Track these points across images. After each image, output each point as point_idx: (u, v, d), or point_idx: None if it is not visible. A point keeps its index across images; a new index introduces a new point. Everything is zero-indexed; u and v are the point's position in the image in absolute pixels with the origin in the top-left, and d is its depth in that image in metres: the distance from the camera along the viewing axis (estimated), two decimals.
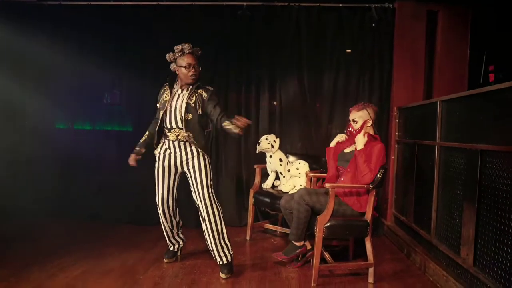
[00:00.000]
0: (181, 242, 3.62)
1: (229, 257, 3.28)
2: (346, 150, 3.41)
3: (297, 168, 4.14)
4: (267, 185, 4.32)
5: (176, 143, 3.23)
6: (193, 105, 3.19)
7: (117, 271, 3.25)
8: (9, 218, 4.58)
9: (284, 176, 4.22)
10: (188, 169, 3.26)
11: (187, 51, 3.21)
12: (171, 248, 3.58)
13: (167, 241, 3.56)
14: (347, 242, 3.81)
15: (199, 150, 3.24)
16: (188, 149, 3.24)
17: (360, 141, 3.23)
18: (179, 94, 3.26)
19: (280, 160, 4.23)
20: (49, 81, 4.92)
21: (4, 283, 2.93)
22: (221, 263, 3.26)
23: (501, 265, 2.38)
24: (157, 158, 3.33)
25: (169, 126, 3.22)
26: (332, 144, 3.51)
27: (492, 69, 4.65)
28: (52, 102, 4.94)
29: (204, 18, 4.72)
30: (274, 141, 4.24)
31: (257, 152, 4.33)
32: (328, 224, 3.08)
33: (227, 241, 3.29)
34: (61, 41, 4.79)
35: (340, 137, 3.49)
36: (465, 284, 2.79)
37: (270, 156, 4.26)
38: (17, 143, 4.91)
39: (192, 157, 3.25)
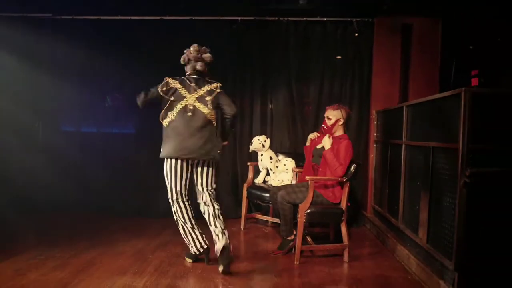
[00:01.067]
0: (203, 244, 3.51)
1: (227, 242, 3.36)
2: (319, 146, 3.94)
3: (285, 165, 4.69)
4: (259, 180, 4.86)
5: None
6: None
7: (128, 253, 3.78)
8: (28, 211, 5.09)
9: (273, 172, 4.76)
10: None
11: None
12: (192, 251, 3.54)
13: (188, 239, 3.52)
14: (328, 229, 4.36)
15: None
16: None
17: (327, 142, 3.77)
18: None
19: (270, 158, 4.77)
20: (62, 87, 5.40)
21: (34, 260, 3.50)
22: (225, 254, 3.30)
23: (446, 242, 2.91)
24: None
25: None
26: (308, 142, 4.04)
27: (475, 73, 5.15)
28: (64, 105, 5.49)
29: (204, 30, 5.24)
30: (265, 141, 4.78)
31: (250, 151, 4.89)
32: (308, 211, 3.62)
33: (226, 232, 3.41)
34: (74, 51, 5.30)
35: (312, 135, 4.02)
36: (421, 259, 3.33)
37: (262, 155, 4.81)
38: (31, 142, 5.44)
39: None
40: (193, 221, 3.52)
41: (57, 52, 5.35)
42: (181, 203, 3.48)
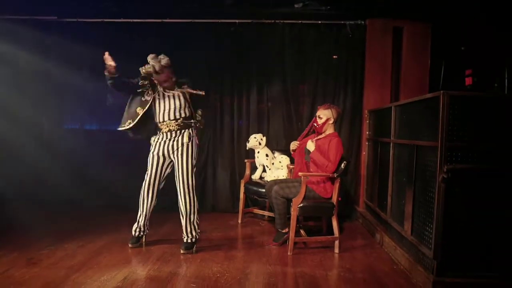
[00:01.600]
0: (146, 230, 4.05)
1: (193, 238, 3.89)
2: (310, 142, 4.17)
3: (280, 162, 4.93)
4: (255, 176, 5.10)
5: (168, 133, 3.82)
6: (186, 102, 3.84)
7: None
8: (35, 206, 5.31)
9: (270, 169, 4.99)
10: (176, 157, 3.83)
11: (160, 72, 3.72)
12: (136, 234, 4.00)
13: (136, 225, 3.99)
14: (321, 223, 4.60)
15: (190, 135, 3.84)
16: (179, 137, 3.82)
17: (311, 145, 4.04)
18: (168, 96, 3.83)
19: (266, 155, 5.00)
20: (67, 86, 5.63)
21: (45, 251, 3.75)
22: (185, 240, 3.89)
23: (427, 233, 3.15)
24: (151, 147, 3.92)
25: (161, 120, 3.82)
26: (291, 150, 4.32)
27: (469, 73, 5.36)
28: (68, 104, 5.74)
29: (203, 33, 5.49)
30: (262, 139, 5.02)
31: (247, 148, 5.14)
32: (301, 204, 3.86)
33: (195, 224, 3.90)
34: (77, 52, 5.46)
35: (292, 145, 4.29)
36: (406, 249, 3.57)
37: (258, 152, 5.05)
38: (34, 140, 5.63)
39: (182, 146, 3.82)
40: None
41: (62, 53, 5.54)
42: None
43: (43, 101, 5.68)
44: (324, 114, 4.12)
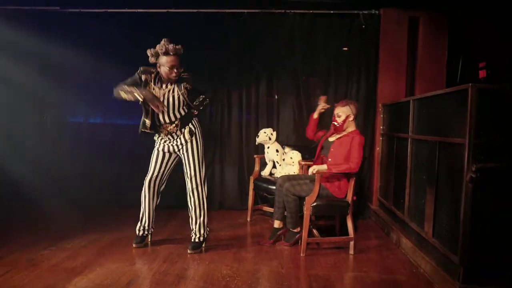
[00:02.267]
0: (150, 229, 3.87)
1: (201, 237, 3.74)
2: (330, 139, 3.98)
3: (291, 158, 4.73)
4: (265, 172, 4.91)
5: (169, 135, 3.63)
6: (184, 99, 3.58)
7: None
8: (36, 202, 5.14)
9: (280, 165, 4.79)
10: (183, 153, 3.67)
11: (172, 53, 3.47)
12: (140, 233, 3.82)
13: (139, 225, 3.82)
14: (333, 222, 4.40)
15: (192, 131, 3.64)
16: (181, 137, 3.63)
17: (321, 168, 3.74)
18: (169, 91, 3.56)
19: (277, 150, 4.80)
20: (69, 79, 5.45)
21: (46, 251, 3.58)
22: (192, 239, 3.73)
23: (452, 236, 2.95)
24: (156, 144, 3.74)
25: (157, 123, 3.60)
26: (315, 114, 4.18)
27: (483, 65, 5.15)
28: (71, 97, 5.52)
29: (209, 24, 5.28)
30: (272, 134, 4.81)
31: (256, 143, 4.92)
32: (315, 203, 3.66)
33: (204, 222, 3.73)
34: (81, 43, 5.28)
35: (320, 107, 4.15)
36: (426, 252, 3.37)
37: (268, 147, 4.84)
38: (38, 135, 5.49)
39: (186, 143, 3.64)
40: None
41: (64, 44, 5.35)
42: None
43: (46, 94, 5.47)
44: (342, 112, 3.91)
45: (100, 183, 5.37)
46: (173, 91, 3.57)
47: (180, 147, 3.67)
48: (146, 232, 3.85)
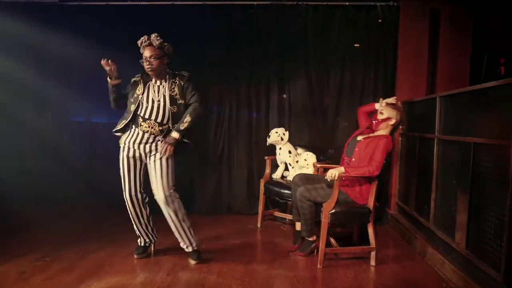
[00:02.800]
0: (152, 238, 3.55)
1: (194, 245, 3.40)
2: (359, 138, 3.65)
3: (305, 159, 4.40)
4: (276, 175, 4.58)
5: (147, 134, 3.22)
6: (176, 96, 3.25)
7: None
8: (35, 205, 4.89)
9: (293, 167, 4.47)
10: (150, 163, 3.27)
11: (144, 45, 3.22)
12: (141, 244, 3.52)
13: (137, 233, 3.49)
14: (351, 228, 4.08)
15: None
16: (158, 143, 3.24)
17: (340, 169, 3.36)
18: (158, 86, 3.26)
19: (289, 152, 4.48)
20: (69, 76, 5.20)
21: (39, 262, 3.27)
22: (190, 250, 3.40)
23: (492, 250, 2.62)
24: (121, 149, 3.31)
25: (146, 117, 3.20)
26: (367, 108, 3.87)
27: (503, 61, 4.85)
28: (72, 96, 5.23)
29: (216, 16, 4.97)
30: (284, 134, 4.49)
31: (267, 144, 4.58)
32: (333, 210, 3.34)
33: (189, 234, 3.37)
34: (82, 38, 4.97)
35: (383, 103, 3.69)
36: (458, 266, 3.04)
37: (280, 148, 4.51)
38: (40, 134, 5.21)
39: (157, 153, 3.24)
40: None
41: (65, 40, 5.07)
42: None
43: (47, 92, 5.19)
44: (387, 112, 3.59)
45: (100, 186, 5.05)
46: (164, 88, 3.27)
47: (151, 155, 3.27)
48: (147, 243, 3.54)
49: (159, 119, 3.21)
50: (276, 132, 4.47)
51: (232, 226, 4.54)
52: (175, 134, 3.17)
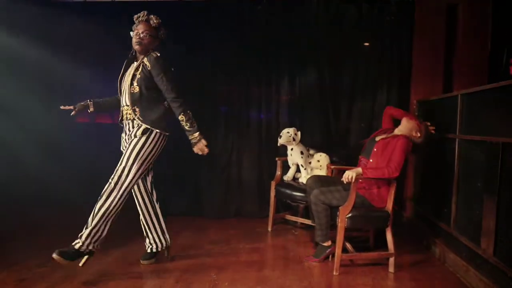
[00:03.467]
0: (164, 243, 3.34)
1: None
2: (377, 138, 3.49)
3: (318, 161, 4.23)
4: (288, 177, 4.41)
5: (125, 122, 3.06)
6: (139, 75, 2.97)
7: None
8: (34, 208, 4.75)
9: (305, 169, 4.29)
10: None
11: (142, 19, 3.05)
12: (149, 249, 3.33)
13: (147, 239, 3.35)
14: (367, 233, 3.90)
15: (147, 129, 2.95)
16: (135, 129, 2.99)
17: (358, 170, 3.18)
18: (136, 65, 3.05)
19: (301, 152, 4.30)
20: (73, 75, 5.02)
21: (41, 269, 3.12)
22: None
23: None
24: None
25: (122, 104, 3.07)
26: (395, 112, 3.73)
27: None
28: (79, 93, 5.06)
29: (224, 13, 4.82)
30: (296, 134, 4.32)
31: (278, 145, 4.40)
32: (350, 214, 3.16)
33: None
34: (87, 36, 4.87)
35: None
36: (485, 273, 2.85)
37: (292, 149, 4.34)
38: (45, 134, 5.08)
39: (134, 139, 2.97)
40: None
41: (71, 37, 4.95)
42: None
43: (53, 93, 5.05)
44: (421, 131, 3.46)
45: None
46: (135, 67, 3.04)
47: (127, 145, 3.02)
48: (157, 249, 3.33)
49: (128, 102, 3.00)
50: (288, 132, 4.30)
51: (242, 229, 4.38)
52: (194, 137, 3.02)
